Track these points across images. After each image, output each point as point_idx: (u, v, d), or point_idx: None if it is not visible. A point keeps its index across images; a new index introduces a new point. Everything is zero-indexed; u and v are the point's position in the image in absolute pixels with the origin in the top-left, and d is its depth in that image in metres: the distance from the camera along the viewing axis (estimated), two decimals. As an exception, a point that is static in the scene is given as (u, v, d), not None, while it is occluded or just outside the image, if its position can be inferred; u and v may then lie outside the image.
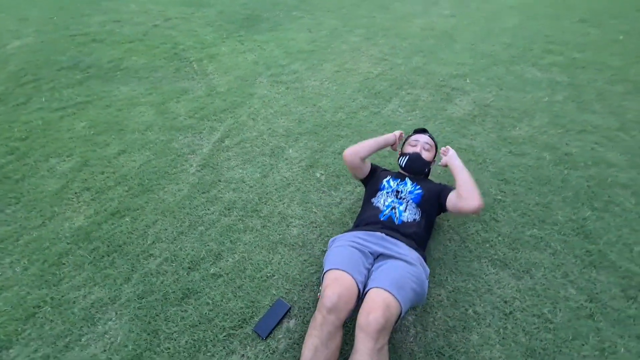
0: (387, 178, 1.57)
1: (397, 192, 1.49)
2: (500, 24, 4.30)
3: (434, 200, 1.48)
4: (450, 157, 1.53)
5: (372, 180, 1.63)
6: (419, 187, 1.50)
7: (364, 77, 3.20)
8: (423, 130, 1.71)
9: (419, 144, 1.61)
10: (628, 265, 1.54)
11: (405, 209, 1.44)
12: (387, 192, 1.50)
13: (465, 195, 1.35)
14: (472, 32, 4.11)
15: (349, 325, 1.36)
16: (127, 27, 4.43)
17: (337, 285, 1.13)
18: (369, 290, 1.14)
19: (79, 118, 2.73)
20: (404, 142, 1.73)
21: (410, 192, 1.48)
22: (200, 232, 1.78)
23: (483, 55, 3.52)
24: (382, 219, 1.43)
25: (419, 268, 1.25)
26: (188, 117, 2.68)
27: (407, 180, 1.55)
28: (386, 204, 1.47)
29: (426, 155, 1.59)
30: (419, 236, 1.41)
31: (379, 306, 1.05)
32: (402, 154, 1.65)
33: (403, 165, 1.61)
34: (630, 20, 4.19)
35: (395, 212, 1.43)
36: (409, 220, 1.42)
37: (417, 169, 1.59)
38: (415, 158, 1.58)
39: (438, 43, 3.85)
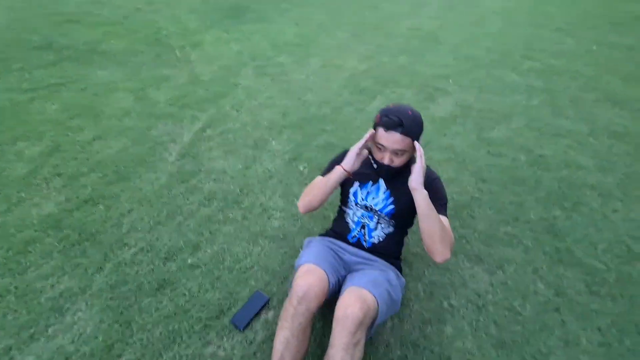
0: (355, 188, 1.32)
1: (366, 207, 1.31)
2: (483, 29, 4.41)
3: (410, 211, 1.25)
4: (416, 189, 1.14)
5: (344, 184, 1.37)
6: (391, 199, 1.28)
7: (350, 73, 3.21)
8: (395, 125, 1.13)
9: (387, 152, 1.18)
10: (593, 263, 1.62)
11: (376, 225, 1.30)
12: (357, 204, 1.32)
13: (428, 249, 1.18)
14: (456, 35, 4.20)
15: (329, 318, 1.36)
16: (107, 9, 4.25)
17: (309, 275, 1.11)
18: (345, 289, 1.13)
19: (51, 101, 2.60)
20: (375, 130, 1.21)
21: (381, 210, 1.29)
22: (179, 222, 1.73)
23: (466, 58, 3.61)
24: (350, 240, 1.33)
25: (392, 275, 1.25)
26: (168, 105, 2.61)
27: (380, 184, 1.30)
28: (355, 219, 1.32)
29: (398, 162, 1.20)
30: (394, 247, 1.34)
31: (356, 300, 1.05)
32: (372, 158, 1.27)
33: (376, 169, 1.28)
34: (604, 32, 4.40)
35: (364, 233, 1.31)
36: (380, 241, 1.30)
37: (390, 177, 1.28)
38: (384, 169, 1.23)
39: (424, 44, 3.91)
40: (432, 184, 1.23)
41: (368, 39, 3.98)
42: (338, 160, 1.32)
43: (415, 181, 1.14)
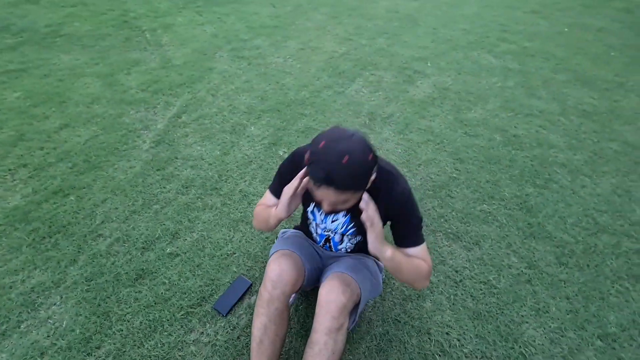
0: (312, 207, 1.13)
1: (326, 229, 1.15)
2: (460, 11, 4.42)
3: None
4: (377, 255, 0.94)
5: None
6: (352, 223, 1.11)
7: (328, 56, 3.16)
8: (323, 181, 0.81)
9: (325, 205, 0.90)
10: (562, 236, 1.70)
11: (342, 239, 1.17)
12: (317, 223, 1.16)
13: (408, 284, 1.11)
14: (434, 16, 4.19)
15: (312, 299, 1.38)
16: (67, -11, 3.97)
17: (282, 260, 1.07)
18: (327, 275, 1.11)
19: (11, 87, 2.43)
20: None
21: (344, 232, 1.14)
22: (155, 211, 1.68)
23: (444, 40, 3.62)
24: (319, 246, 1.24)
25: (370, 261, 1.23)
26: (140, 91, 2.49)
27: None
28: (319, 232, 1.18)
29: (343, 208, 0.93)
30: (365, 249, 1.10)
31: (339, 285, 1.03)
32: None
33: None
34: (575, 13, 4.50)
35: (329, 246, 1.21)
36: (348, 250, 1.21)
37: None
38: (329, 215, 1.08)
39: (402, 25, 3.89)
40: (402, 208, 1.01)
41: (346, 20, 3.91)
42: (286, 169, 1.08)
43: (374, 249, 0.93)
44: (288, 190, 0.97)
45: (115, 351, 1.19)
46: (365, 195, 0.90)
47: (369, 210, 0.90)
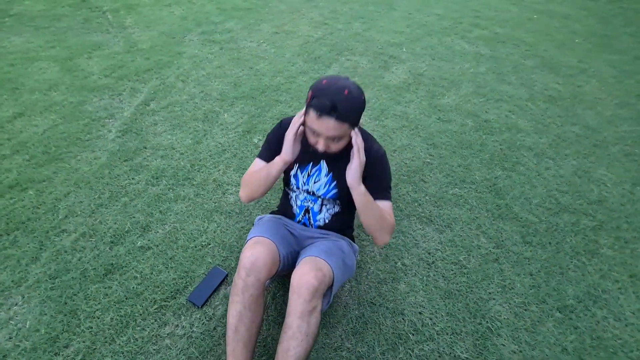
0: (295, 170, 1.21)
1: (308, 191, 1.22)
2: (434, -5, 4.42)
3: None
4: (353, 187, 1.05)
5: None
6: (334, 183, 1.18)
7: (303, 41, 3.09)
8: (328, 110, 0.95)
9: (321, 140, 1.02)
10: (527, 216, 1.79)
11: (321, 208, 1.24)
12: (298, 188, 1.23)
13: (370, 234, 1.19)
14: (409, 0, 4.18)
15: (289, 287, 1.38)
16: (16, -37, 3.62)
17: (256, 247, 1.09)
18: (300, 260, 1.13)
19: (-46, 73, 2.23)
20: (307, 111, 1.04)
21: (324, 195, 1.20)
22: (124, 204, 1.62)
23: (419, 25, 3.62)
24: (297, 222, 1.29)
25: (345, 243, 1.26)
26: (103, 76, 2.35)
27: (322, 166, 1.18)
28: (298, 203, 1.26)
29: (336, 147, 1.06)
30: (342, 224, 1.29)
31: (311, 269, 1.05)
32: (307, 141, 1.11)
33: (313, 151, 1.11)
34: (544, 0, 4.62)
35: (308, 218, 1.26)
36: (326, 222, 1.26)
37: (331, 158, 1.16)
38: (321, 155, 1.11)
39: (377, 10, 3.85)
40: (376, 164, 1.13)
41: (321, 3, 3.83)
42: (274, 136, 1.18)
43: (352, 178, 1.04)
44: (289, 135, 1.07)
45: (85, 349, 1.16)
46: (355, 131, 1.04)
47: (359, 140, 1.04)
